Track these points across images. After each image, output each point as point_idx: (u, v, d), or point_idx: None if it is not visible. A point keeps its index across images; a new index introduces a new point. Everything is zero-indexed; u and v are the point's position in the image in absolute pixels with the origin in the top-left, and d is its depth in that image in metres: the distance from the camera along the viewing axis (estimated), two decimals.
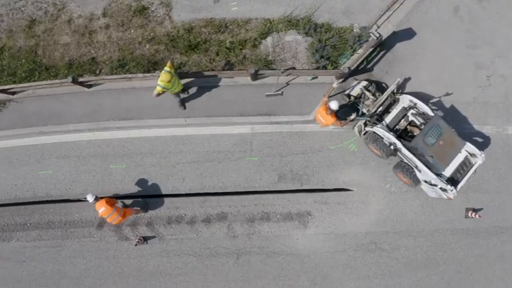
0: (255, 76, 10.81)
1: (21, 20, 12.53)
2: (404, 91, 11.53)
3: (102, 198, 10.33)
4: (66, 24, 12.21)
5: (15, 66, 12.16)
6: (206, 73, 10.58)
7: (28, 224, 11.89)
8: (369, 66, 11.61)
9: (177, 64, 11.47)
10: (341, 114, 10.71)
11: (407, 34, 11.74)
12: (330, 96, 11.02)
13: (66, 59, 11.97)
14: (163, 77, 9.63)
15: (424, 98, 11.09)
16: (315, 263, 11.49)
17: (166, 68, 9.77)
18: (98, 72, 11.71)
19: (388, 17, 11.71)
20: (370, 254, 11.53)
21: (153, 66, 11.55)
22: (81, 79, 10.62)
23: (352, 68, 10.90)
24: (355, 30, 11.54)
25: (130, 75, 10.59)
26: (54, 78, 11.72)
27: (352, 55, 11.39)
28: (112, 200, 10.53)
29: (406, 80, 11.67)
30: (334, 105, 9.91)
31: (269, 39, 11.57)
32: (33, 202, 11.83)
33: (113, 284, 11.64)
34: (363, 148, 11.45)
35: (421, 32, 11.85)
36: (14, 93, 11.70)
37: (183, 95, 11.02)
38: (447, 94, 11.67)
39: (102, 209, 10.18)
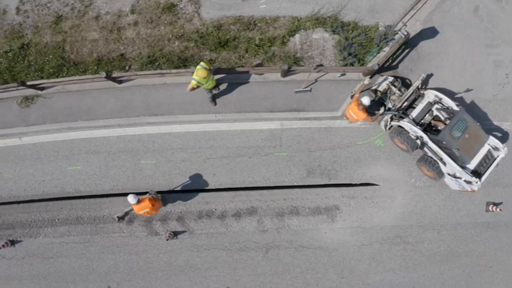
0: (286, 73, 11.01)
1: (47, 16, 12.56)
2: (427, 87, 11.84)
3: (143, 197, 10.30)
4: (94, 21, 12.26)
5: (43, 62, 12.18)
6: (239, 69, 10.76)
7: (56, 220, 11.90)
8: (394, 63, 11.90)
9: (206, 61, 11.59)
10: (369, 110, 10.96)
11: (430, 33, 12.06)
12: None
13: (94, 55, 12.03)
14: (199, 73, 9.78)
15: (446, 94, 11.40)
16: (342, 257, 11.72)
17: (203, 64, 9.93)
18: (127, 68, 11.79)
19: (412, 16, 12.00)
20: (396, 247, 11.80)
21: (182, 62, 11.68)
22: (114, 74, 10.68)
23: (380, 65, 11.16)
24: (380, 28, 11.81)
25: (164, 71, 10.70)
26: (83, 74, 11.76)
27: (379, 53, 11.66)
28: (154, 200, 10.44)
29: (429, 76, 11.99)
30: (366, 100, 10.19)
31: (297, 36, 11.79)
32: (61, 198, 11.87)
33: (142, 279, 11.71)
34: (389, 143, 11.72)
35: (444, 31, 12.19)
36: (42, 88, 11.72)
37: (214, 91, 11.16)
38: (467, 90, 12.01)
39: (146, 210, 10.20)
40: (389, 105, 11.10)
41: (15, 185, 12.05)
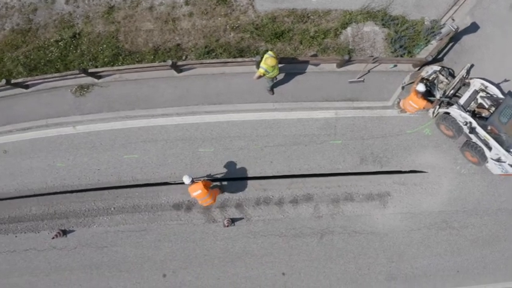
0: (345, 63, 11.42)
1: (98, 6, 12.63)
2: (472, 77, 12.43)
3: (197, 181, 10.55)
4: (148, 11, 12.41)
5: (96, 51, 12.24)
6: (300, 58, 11.09)
7: (112, 209, 11.93)
8: (439, 56, 12.45)
9: (262, 51, 11.91)
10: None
11: (472, 27, 12.68)
12: (407, 85, 11.91)
13: (150, 45, 12.17)
14: (268, 61, 10.08)
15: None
16: (393, 242, 12.14)
17: (271, 53, 10.22)
18: (184, 58, 11.96)
19: (455, 12, 12.61)
20: (442, 232, 12.29)
21: (239, 53, 11.94)
22: (179, 63, 10.84)
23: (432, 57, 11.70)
24: (425, 23, 12.37)
25: (228, 60, 10.94)
26: (140, 63, 11.87)
27: (426, 46, 12.20)
28: (208, 182, 10.77)
29: (470, 67, 12.60)
30: (421, 87, 10.78)
31: (349, 29, 12.24)
32: (117, 187, 11.91)
33: (198, 266, 11.85)
34: (436, 132, 12.25)
35: (484, 26, 12.82)
36: (100, 77, 11.77)
37: (274, 80, 11.45)
38: (505, 80, 12.67)
39: (198, 191, 10.38)
40: (439, 94, 11.63)
41: (68, 174, 12.04)
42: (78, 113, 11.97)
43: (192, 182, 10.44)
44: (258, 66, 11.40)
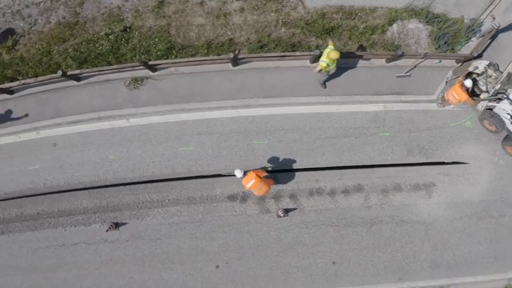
0: (396, 59, 11.88)
1: (148, 0, 12.72)
2: None
3: (248, 171, 10.73)
4: (199, 6, 12.59)
5: (148, 45, 12.34)
6: (357, 53, 11.48)
7: (166, 201, 12.03)
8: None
9: (313, 47, 12.25)
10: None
11: (508, 26, 13.32)
12: (451, 80, 12.46)
13: (202, 39, 12.35)
14: (332, 55, 10.44)
15: None
16: (437, 230, 12.61)
17: (332, 47, 10.58)
18: (237, 52, 12.17)
19: (491, 10, 13.24)
20: (482, 220, 12.83)
21: (291, 47, 12.24)
22: (240, 55, 11.07)
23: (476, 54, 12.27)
24: (465, 21, 12.96)
25: (287, 54, 11.27)
26: (193, 57, 12.04)
27: (467, 42, 12.78)
28: (260, 171, 10.96)
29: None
30: (469, 82, 11.32)
31: (395, 26, 12.71)
32: (172, 179, 12.02)
33: (251, 256, 12.05)
34: (477, 125, 12.81)
35: None
36: (155, 70, 11.87)
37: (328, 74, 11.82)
38: None
39: (251, 182, 10.60)
40: (485, 88, 12.14)
41: (121, 167, 12.09)
42: (131, 106, 12.04)
43: (244, 174, 10.62)
44: (313, 61, 11.80)
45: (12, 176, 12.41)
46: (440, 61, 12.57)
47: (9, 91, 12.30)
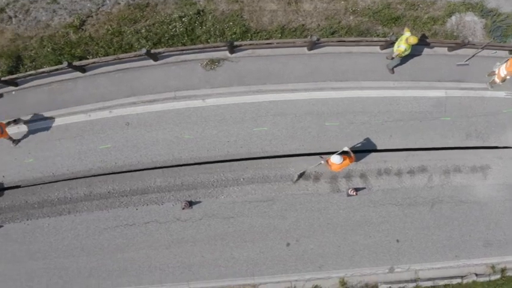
0: (459, 47, 12.65)
1: None
2: None
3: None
4: None
5: (223, 28, 12.66)
6: (428, 40, 12.18)
7: (241, 179, 12.34)
8: None
9: (381, 34, 12.88)
10: None
11: None
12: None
13: (274, 24, 12.79)
14: (411, 40, 11.12)
15: None
16: (490, 210, 13.37)
17: (409, 33, 11.23)
18: (309, 37, 12.65)
19: None
20: None
21: (360, 34, 12.83)
22: (322, 39, 11.57)
23: None
24: None
25: (366, 38, 11.85)
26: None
27: None
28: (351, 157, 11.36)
29: None
30: None
31: (453, 18, 13.51)
32: (247, 158, 12.33)
33: (321, 234, 12.49)
34: None
35: None
36: (233, 51, 12.19)
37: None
38: None
39: (343, 168, 11.14)
40: None
41: (196, 146, 12.33)
42: (208, 87, 12.33)
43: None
44: (384, 47, 12.42)
45: (81, 154, 12.46)
46: (496, 51, 13.42)
47: (82, 69, 12.37)
